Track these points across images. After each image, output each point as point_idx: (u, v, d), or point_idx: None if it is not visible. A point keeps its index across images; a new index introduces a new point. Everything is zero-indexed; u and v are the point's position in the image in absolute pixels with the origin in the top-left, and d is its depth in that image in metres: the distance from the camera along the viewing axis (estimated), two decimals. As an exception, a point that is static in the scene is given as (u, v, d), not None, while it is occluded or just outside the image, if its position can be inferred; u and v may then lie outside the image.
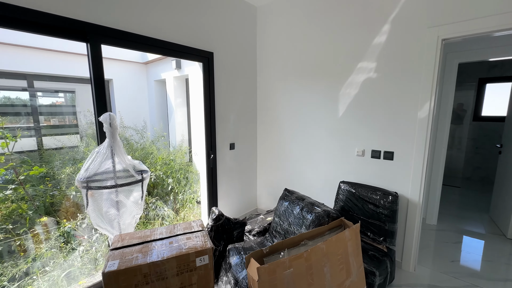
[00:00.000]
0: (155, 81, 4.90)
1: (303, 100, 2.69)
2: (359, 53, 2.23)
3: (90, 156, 1.52)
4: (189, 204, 3.36)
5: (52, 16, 1.48)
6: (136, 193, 1.65)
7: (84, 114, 4.26)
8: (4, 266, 1.99)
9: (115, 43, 1.82)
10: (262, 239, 2.08)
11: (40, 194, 2.55)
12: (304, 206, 1.87)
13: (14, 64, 3.45)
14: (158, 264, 1.16)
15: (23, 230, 2.23)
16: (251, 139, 3.14)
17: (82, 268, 2.16)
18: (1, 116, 3.54)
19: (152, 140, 4.06)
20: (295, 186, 2.85)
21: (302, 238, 1.46)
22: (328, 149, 2.56)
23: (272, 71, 2.93)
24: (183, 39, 2.20)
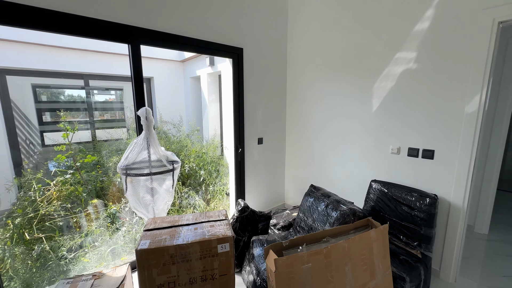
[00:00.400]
0: (190, 78, 5.16)
1: (334, 94, 2.59)
2: (397, 43, 2.06)
3: (129, 146, 1.70)
4: (219, 196, 3.51)
5: (100, 22, 1.67)
6: (168, 182, 1.80)
7: (130, 110, 4.69)
8: (64, 238, 2.34)
9: (152, 43, 1.97)
10: (286, 234, 2.09)
11: (92, 179, 2.92)
12: (330, 203, 1.82)
13: (73, 66, 3.94)
14: (183, 247, 1.25)
15: (79, 209, 2.58)
16: (280, 134, 3.14)
17: (124, 246, 2.43)
18: (64, 111, 4.10)
19: (187, 134, 4.32)
20: (323, 183, 2.78)
21: (324, 235, 1.44)
22: (360, 146, 2.43)
23: (302, 64, 2.87)
24: (214, 37, 2.28)
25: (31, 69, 3.66)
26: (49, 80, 4.03)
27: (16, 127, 3.58)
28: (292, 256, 1.17)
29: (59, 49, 3.77)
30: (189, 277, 1.29)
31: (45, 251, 2.23)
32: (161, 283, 1.25)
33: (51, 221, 2.43)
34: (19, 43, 3.42)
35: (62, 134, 2.86)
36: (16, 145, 3.53)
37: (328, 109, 2.67)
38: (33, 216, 2.40)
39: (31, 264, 2.18)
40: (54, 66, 3.78)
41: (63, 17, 1.53)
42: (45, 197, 2.54)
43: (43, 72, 3.79)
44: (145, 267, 1.22)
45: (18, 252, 2.20)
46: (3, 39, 3.29)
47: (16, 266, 2.14)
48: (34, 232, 2.30)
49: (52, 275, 2.18)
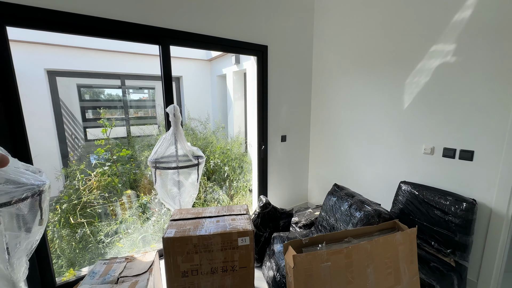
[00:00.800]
0: (217, 76, 5.30)
1: (362, 91, 2.49)
2: (433, 35, 1.91)
3: (158, 141, 1.81)
4: (242, 192, 3.58)
5: (134, 25, 1.79)
6: (193, 176, 1.89)
7: (161, 107, 4.94)
8: (102, 224, 2.57)
9: (181, 44, 2.07)
10: (308, 232, 2.07)
11: (126, 172, 3.17)
12: (353, 203, 1.77)
13: (111, 67, 4.28)
14: (205, 238, 1.31)
15: (114, 199, 2.82)
16: (304, 132, 3.10)
17: (153, 235, 2.60)
18: (103, 109, 4.47)
19: (213, 131, 4.46)
20: (348, 183, 2.69)
21: (346, 235, 1.40)
22: (389, 145, 2.31)
23: (329, 60, 2.79)
24: (239, 35, 2.32)
25: (76, 71, 4.05)
26: (91, 80, 4.43)
27: (64, 123, 4.00)
28: (311, 254, 1.17)
29: (100, 52, 4.11)
30: (210, 266, 1.35)
31: (86, 235, 2.48)
32: (185, 270, 1.33)
33: (91, 208, 2.69)
34: (66, 47, 3.80)
35: (102, 130, 3.14)
36: (63, 139, 3.95)
37: (355, 106, 2.57)
38: (77, 202, 2.68)
39: (75, 246, 2.44)
40: (95, 67, 4.14)
41: (102, 22, 1.67)
42: (86, 186, 2.81)
43: (86, 73, 4.16)
44: (171, 254, 1.30)
45: (65, 234, 2.48)
46: (54, 44, 3.68)
47: (62, 246, 2.41)
48: (77, 217, 2.57)
49: (92, 257, 2.42)
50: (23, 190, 1.16)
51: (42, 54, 3.64)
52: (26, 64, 3.53)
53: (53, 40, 3.66)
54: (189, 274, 1.33)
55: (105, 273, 1.44)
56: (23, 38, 3.43)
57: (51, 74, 3.84)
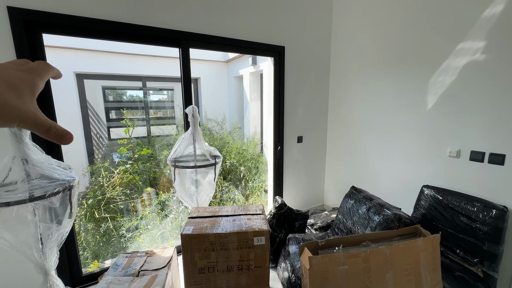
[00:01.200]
0: (234, 77, 5.37)
1: (382, 91, 2.42)
2: (460, 32, 1.82)
3: (177, 141, 1.87)
4: (258, 192, 3.60)
5: (156, 29, 1.87)
6: (210, 175, 1.93)
7: (180, 108, 5.08)
8: (124, 219, 2.70)
9: (200, 46, 2.13)
10: (324, 234, 2.04)
11: (146, 170, 3.29)
12: (372, 206, 1.72)
13: (133, 69, 4.47)
14: (222, 236, 1.34)
15: (135, 196, 2.94)
16: (320, 133, 3.06)
17: (171, 232, 2.69)
18: (126, 109, 4.67)
19: (229, 131, 4.52)
20: (366, 185, 2.62)
21: (364, 239, 1.37)
22: (410, 147, 2.22)
23: (347, 60, 2.74)
24: (256, 36, 2.34)
25: (102, 73, 4.27)
26: (115, 82, 4.65)
27: (90, 123, 4.24)
28: (327, 256, 1.16)
29: (123, 55, 4.31)
30: (226, 264, 1.37)
31: (109, 229, 2.62)
32: (202, 266, 1.36)
33: (114, 204, 2.83)
34: (93, 51, 4.03)
35: (125, 130, 3.29)
36: (89, 138, 4.19)
37: (374, 107, 2.50)
38: (101, 198, 2.83)
39: (99, 239, 2.58)
40: (119, 70, 4.35)
41: (127, 27, 1.76)
42: (110, 183, 2.96)
43: (111, 75, 4.38)
44: (188, 251, 1.34)
45: (90, 228, 2.62)
46: (82, 48, 3.92)
47: (88, 239, 2.56)
48: (101, 212, 2.71)
49: (114, 250, 2.54)
50: (56, 185, 1.25)
51: (71, 58, 3.89)
52: (58, 68, 3.78)
53: (81, 45, 3.89)
54: (206, 270, 1.37)
55: (127, 266, 1.51)
56: (54, 43, 3.68)
57: (80, 77, 4.08)
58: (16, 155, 1.22)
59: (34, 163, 1.25)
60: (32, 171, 1.24)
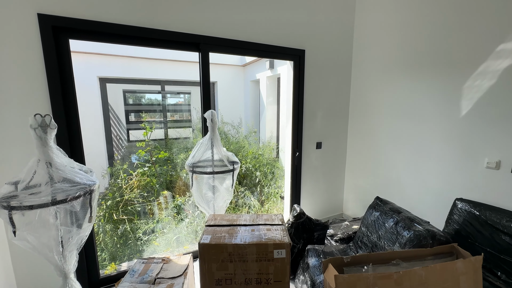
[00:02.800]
0: (250, 81, 5.35)
1: (409, 96, 2.28)
2: (501, 31, 1.67)
3: (196, 146, 1.85)
4: (273, 198, 3.52)
5: (176, 34, 1.87)
6: (228, 181, 1.88)
7: (197, 111, 5.11)
8: (141, 222, 2.71)
9: (220, 50, 2.11)
10: (345, 247, 1.93)
11: (163, 173, 3.32)
12: (400, 220, 1.59)
13: (152, 73, 4.57)
14: (240, 247, 1.28)
15: (152, 198, 2.96)
16: (341, 139, 2.94)
17: (186, 236, 2.67)
18: (145, 113, 4.78)
19: (245, 135, 4.48)
20: (390, 196, 2.47)
21: (394, 257, 1.26)
22: (440, 157, 2.07)
23: (370, 64, 2.62)
24: (275, 40, 2.29)
25: (123, 77, 4.40)
26: (135, 86, 4.78)
27: (111, 126, 4.37)
28: (355, 276, 1.06)
29: (143, 60, 4.42)
30: (244, 277, 1.31)
31: (126, 231, 2.64)
32: (219, 278, 1.31)
33: (131, 206, 2.86)
34: (115, 56, 4.17)
35: (143, 133, 3.34)
36: (110, 140, 4.31)
37: (400, 113, 2.36)
38: (119, 200, 2.87)
39: (116, 241, 2.61)
40: (139, 74, 4.46)
41: (148, 32, 1.77)
42: (128, 185, 3.00)
43: (132, 79, 4.51)
44: (206, 261, 1.29)
45: (108, 229, 2.66)
46: (105, 53, 4.06)
47: (106, 240, 2.59)
48: (119, 214, 2.75)
49: (131, 252, 2.56)
50: (77, 189, 1.25)
51: (95, 63, 4.04)
52: (82, 72, 3.94)
53: (104, 50, 4.04)
54: (223, 282, 1.31)
55: (144, 272, 1.49)
56: (80, 49, 3.84)
57: (102, 81, 4.23)
58: (40, 158, 1.23)
59: (57, 166, 1.26)
60: (55, 174, 1.25)
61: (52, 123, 1.25)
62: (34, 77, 1.53)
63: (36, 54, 1.51)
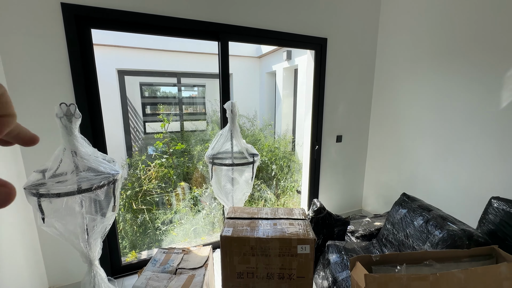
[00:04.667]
0: (266, 73, 5.25)
1: (438, 87, 2.13)
2: (553, 13, 1.49)
3: (215, 137, 1.82)
4: (289, 192, 3.47)
5: (196, 22, 1.82)
6: (247, 174, 1.85)
7: (212, 104, 5.08)
8: (159, 212, 2.76)
9: (239, 39, 2.04)
10: (368, 244, 1.85)
11: (180, 164, 3.34)
12: (431, 218, 1.50)
13: (168, 65, 4.56)
14: (263, 241, 1.25)
15: (170, 189, 3.00)
16: (362, 133, 2.82)
17: (203, 227, 2.69)
18: (161, 105, 4.82)
19: (260, 128, 4.43)
20: (415, 193, 2.34)
21: (426, 257, 1.18)
22: (475, 153, 1.92)
23: (397, 52, 2.46)
24: (297, 28, 2.20)
25: (140, 70, 4.44)
26: (152, 78, 4.82)
27: (129, 118, 4.45)
28: (387, 276, 1.00)
29: (160, 52, 4.42)
30: (267, 271, 1.28)
31: (145, 221, 2.69)
32: (241, 271, 1.28)
33: (150, 196, 2.91)
34: (133, 48, 4.19)
35: (161, 124, 3.37)
36: (128, 132, 4.39)
37: (429, 105, 2.21)
38: (138, 190, 2.93)
39: (136, 229, 2.67)
40: (156, 66, 4.47)
41: (166, 20, 1.73)
42: (146, 176, 3.05)
43: (149, 71, 4.54)
44: (228, 253, 1.27)
45: (128, 218, 2.73)
46: (123, 46, 4.09)
47: (126, 229, 2.66)
48: (139, 204, 2.80)
49: (150, 241, 2.61)
50: (101, 178, 1.25)
51: (114, 56, 4.08)
52: (101, 64, 4.00)
53: (122, 43, 4.07)
54: (245, 276, 1.29)
55: (165, 262, 1.50)
56: (98, 41, 3.89)
57: (121, 73, 4.29)
58: (66, 147, 1.24)
59: (82, 155, 1.27)
60: (80, 163, 1.26)
61: (76, 112, 1.25)
62: (58, 67, 1.54)
63: (60, 44, 1.52)
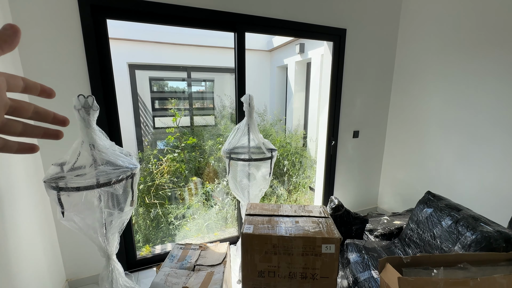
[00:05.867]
0: (277, 67, 5.15)
1: (467, 80, 2.01)
2: None
3: (232, 132, 1.77)
4: (302, 188, 3.41)
5: (212, 12, 1.75)
6: (264, 169, 1.79)
7: (221, 99, 5.02)
8: (172, 207, 2.75)
9: (256, 30, 1.97)
10: (389, 244, 1.79)
11: (192, 159, 3.32)
12: (461, 219, 1.42)
13: (179, 59, 4.51)
14: (286, 239, 1.20)
15: (182, 184, 2.98)
16: (380, 128, 2.72)
17: (216, 223, 2.67)
18: (172, 100, 4.79)
19: (271, 123, 4.36)
20: (437, 191, 2.24)
21: (460, 260, 1.11)
22: (505, 148, 1.81)
23: (421, 42, 2.34)
24: (315, 18, 2.10)
25: (150, 64, 4.41)
26: (161, 73, 4.78)
27: (139, 113, 4.44)
28: (423, 279, 0.94)
29: (171, 46, 4.37)
30: (289, 270, 1.23)
31: (158, 215, 2.69)
32: (262, 269, 1.24)
33: (162, 191, 2.90)
34: (143, 42, 4.16)
35: (172, 119, 3.34)
36: (139, 126, 4.40)
37: (454, 99, 2.10)
38: (151, 184, 2.92)
39: (149, 224, 2.67)
40: (166, 60, 4.43)
41: (182, 9, 1.67)
42: (159, 170, 3.04)
43: (159, 65, 4.50)
44: (248, 251, 1.23)
45: (141, 212, 2.73)
46: (133, 39, 4.06)
47: (139, 223, 2.66)
48: (151, 198, 2.80)
49: (163, 235, 2.61)
50: (120, 172, 1.22)
51: (125, 49, 4.06)
52: (113, 58, 3.98)
53: (133, 36, 4.03)
54: (266, 274, 1.25)
55: (182, 258, 1.47)
56: (110, 35, 3.86)
57: (132, 67, 4.27)
58: (84, 140, 1.21)
59: (100, 148, 1.23)
60: (98, 156, 1.23)
61: (94, 104, 1.22)
62: (74, 59, 1.51)
63: (76, 35, 1.48)
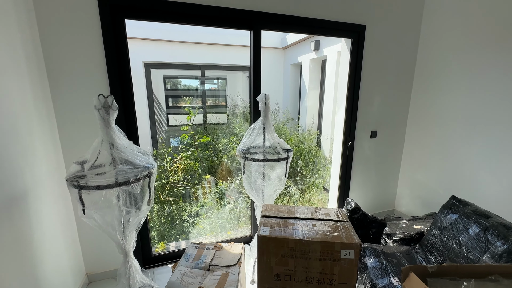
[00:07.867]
0: (291, 65, 5.07)
1: (495, 79, 1.88)
2: None
3: (247, 131, 1.75)
4: (315, 188, 3.35)
5: (228, 10, 1.73)
6: (279, 170, 1.77)
7: (232, 98, 4.99)
8: (186, 205, 2.78)
9: (272, 27, 1.94)
10: (409, 250, 1.71)
11: (205, 157, 3.34)
12: (490, 227, 1.33)
13: (192, 58, 4.53)
14: (303, 243, 1.17)
15: (196, 182, 3.01)
16: (398, 128, 2.62)
17: (229, 221, 2.67)
18: (185, 98, 4.84)
19: (283, 122, 4.31)
20: (459, 195, 2.13)
21: (492, 271, 1.04)
22: (540, 152, 1.69)
23: (445, 38, 2.22)
24: (332, 14, 2.04)
25: (165, 62, 4.46)
26: (176, 71, 4.83)
27: (154, 112, 4.51)
28: (452, 292, 0.88)
29: (185, 44, 4.40)
30: (306, 275, 1.21)
31: (173, 213, 2.72)
32: (278, 273, 1.22)
33: (177, 188, 2.94)
34: (158, 41, 4.21)
35: (187, 117, 3.37)
36: (154, 124, 4.47)
37: (480, 100, 1.98)
38: (165, 182, 2.96)
39: (163, 221, 2.71)
40: (181, 59, 4.47)
41: (197, 8, 1.65)
42: (173, 168, 3.08)
43: (174, 64, 4.55)
44: (265, 254, 1.21)
45: (156, 209, 2.77)
46: (149, 38, 4.12)
47: (154, 219, 2.71)
48: (166, 195, 2.84)
49: (177, 233, 2.64)
50: (137, 171, 1.23)
51: (140, 48, 4.13)
52: (130, 58, 4.06)
53: (149, 35, 4.09)
54: (282, 278, 1.23)
55: (197, 257, 1.47)
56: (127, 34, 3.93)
57: (147, 66, 4.34)
58: (104, 139, 1.23)
59: (119, 148, 1.25)
60: (117, 156, 1.24)
61: (114, 104, 1.23)
62: (93, 59, 1.53)
63: (96, 35, 1.51)
